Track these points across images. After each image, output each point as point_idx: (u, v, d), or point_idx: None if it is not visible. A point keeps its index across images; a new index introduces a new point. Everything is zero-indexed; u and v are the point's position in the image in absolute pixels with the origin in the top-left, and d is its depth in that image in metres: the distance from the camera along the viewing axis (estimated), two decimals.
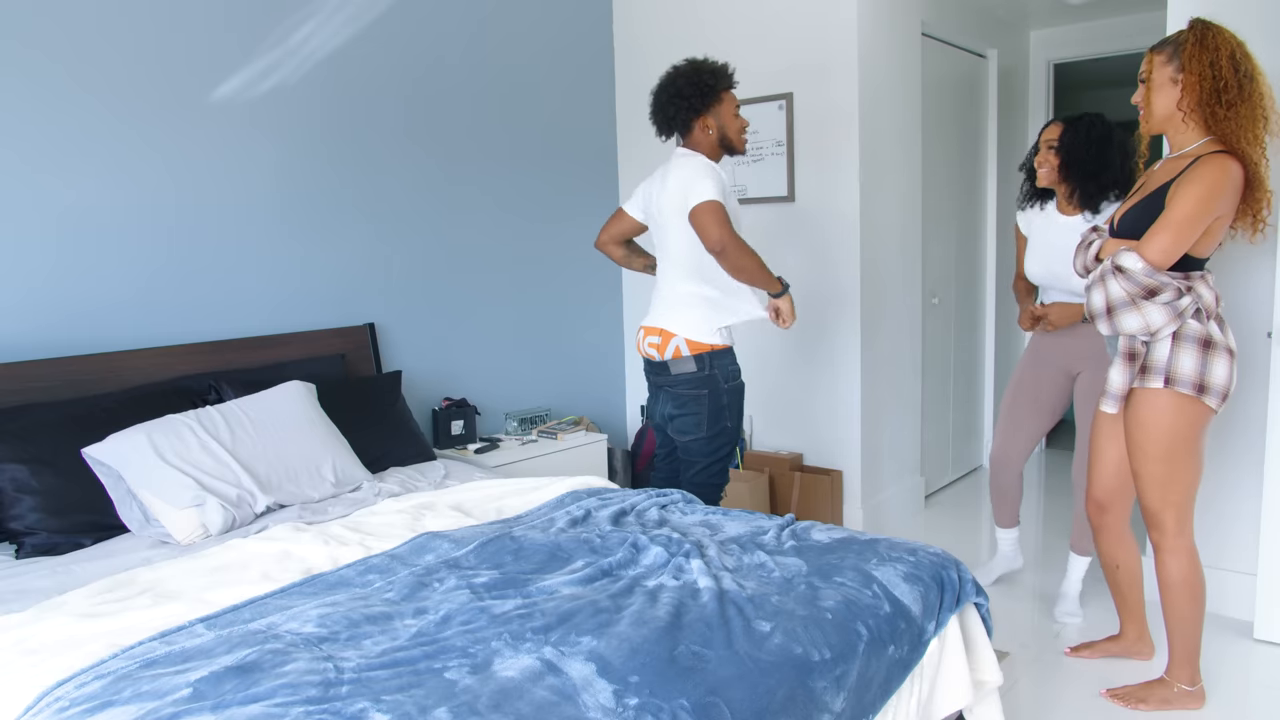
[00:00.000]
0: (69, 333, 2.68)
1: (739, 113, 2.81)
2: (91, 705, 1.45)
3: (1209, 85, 2.16)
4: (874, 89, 3.70)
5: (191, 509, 2.34)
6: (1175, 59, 2.21)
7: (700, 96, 2.74)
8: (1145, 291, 2.19)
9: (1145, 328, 2.22)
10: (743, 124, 2.82)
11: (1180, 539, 2.36)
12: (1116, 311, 2.23)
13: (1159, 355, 2.24)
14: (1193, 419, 2.27)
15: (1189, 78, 2.19)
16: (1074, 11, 4.76)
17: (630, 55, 4.29)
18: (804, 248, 3.84)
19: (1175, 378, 2.23)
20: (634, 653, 1.53)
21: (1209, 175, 2.15)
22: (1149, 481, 2.34)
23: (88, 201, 2.69)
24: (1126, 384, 2.29)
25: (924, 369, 4.31)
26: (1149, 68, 2.26)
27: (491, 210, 3.85)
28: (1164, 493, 2.33)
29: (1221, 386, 2.24)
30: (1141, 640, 2.71)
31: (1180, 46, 2.20)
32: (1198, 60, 2.17)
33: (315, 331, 3.20)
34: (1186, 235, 2.16)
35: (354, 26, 3.32)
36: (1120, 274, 2.21)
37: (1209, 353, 2.23)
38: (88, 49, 2.67)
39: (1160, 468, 2.30)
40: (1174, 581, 2.38)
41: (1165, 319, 2.20)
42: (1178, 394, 2.25)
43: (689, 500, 2.46)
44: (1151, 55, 2.27)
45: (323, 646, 1.62)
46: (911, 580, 1.90)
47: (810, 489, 3.75)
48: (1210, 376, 2.23)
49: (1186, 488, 2.33)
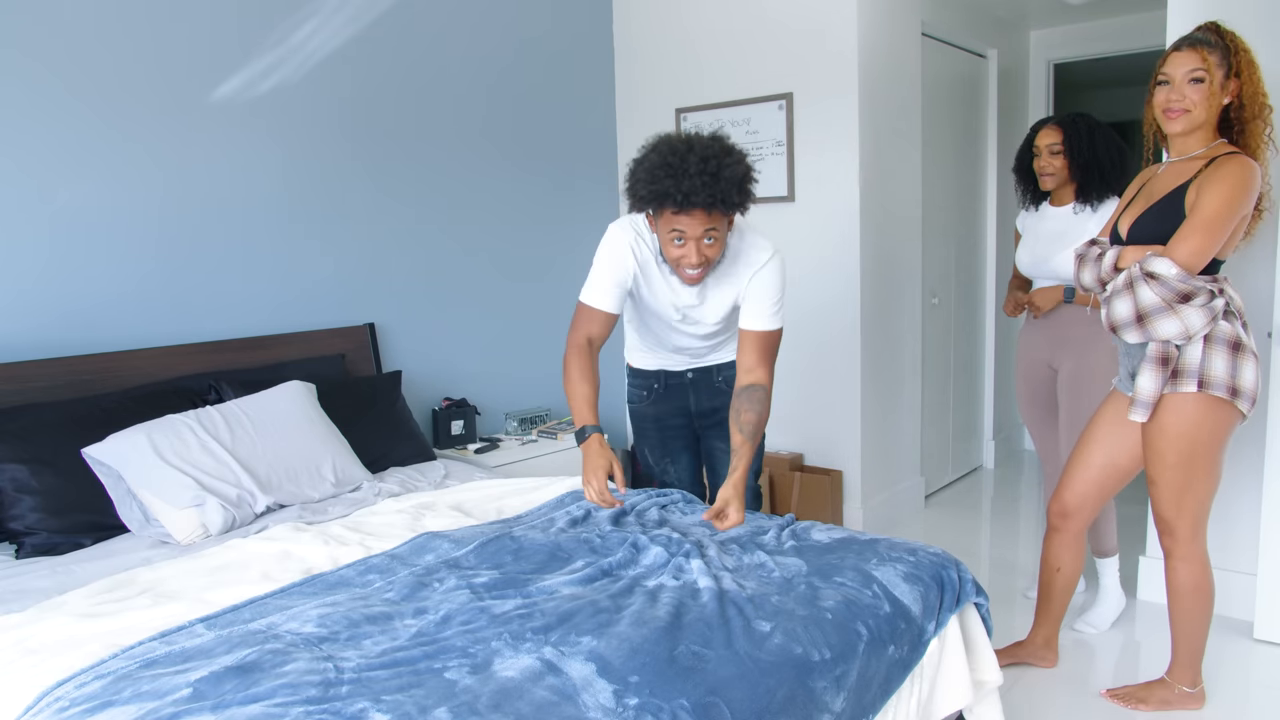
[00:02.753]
0: (69, 333, 2.67)
1: (677, 241, 2.10)
2: (92, 705, 1.45)
3: (1263, 94, 2.18)
4: (874, 89, 3.70)
5: (191, 509, 2.34)
6: (1226, 62, 2.17)
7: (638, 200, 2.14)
8: (1180, 296, 2.14)
9: (1184, 332, 2.16)
10: (679, 255, 2.11)
11: (1194, 546, 2.32)
12: (1151, 318, 2.16)
13: (1191, 358, 2.18)
14: (1222, 423, 2.22)
15: (1245, 87, 2.17)
16: (1074, 11, 4.76)
17: (630, 55, 4.29)
18: (804, 248, 3.83)
19: (1209, 381, 2.16)
20: (634, 653, 1.53)
21: (1236, 175, 2.13)
22: (1166, 489, 2.28)
23: (88, 202, 2.69)
24: (1158, 391, 2.21)
25: (924, 369, 4.31)
26: (1204, 65, 2.16)
27: (492, 210, 3.84)
28: (1181, 500, 2.27)
29: (1251, 389, 2.19)
30: (1049, 647, 2.67)
31: (1232, 52, 2.18)
32: (1253, 72, 2.17)
33: (315, 331, 3.20)
34: (1218, 236, 2.13)
35: (354, 27, 3.32)
36: (1152, 280, 2.15)
37: (1238, 355, 2.18)
38: (85, 49, 2.67)
39: (1180, 475, 2.25)
40: (1187, 589, 2.35)
41: (1204, 322, 2.15)
42: (1211, 397, 2.18)
43: (689, 500, 2.46)
44: (1203, 53, 2.17)
45: (323, 646, 1.62)
46: (911, 580, 1.90)
47: (810, 489, 3.75)
48: (1241, 379, 2.18)
49: (1206, 495, 2.28)
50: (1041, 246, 2.97)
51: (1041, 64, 5.10)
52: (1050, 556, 2.61)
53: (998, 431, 5.03)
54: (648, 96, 4.25)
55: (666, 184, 1.99)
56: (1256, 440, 2.90)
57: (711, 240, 2.09)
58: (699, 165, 1.98)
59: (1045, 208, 3.04)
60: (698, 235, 2.06)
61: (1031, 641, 2.68)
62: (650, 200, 2.05)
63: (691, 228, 2.05)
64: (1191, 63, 2.17)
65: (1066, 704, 2.50)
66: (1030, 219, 3.09)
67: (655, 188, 2.01)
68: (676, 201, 2.00)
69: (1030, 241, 3.03)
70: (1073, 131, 2.88)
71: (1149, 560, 3.14)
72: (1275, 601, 2.78)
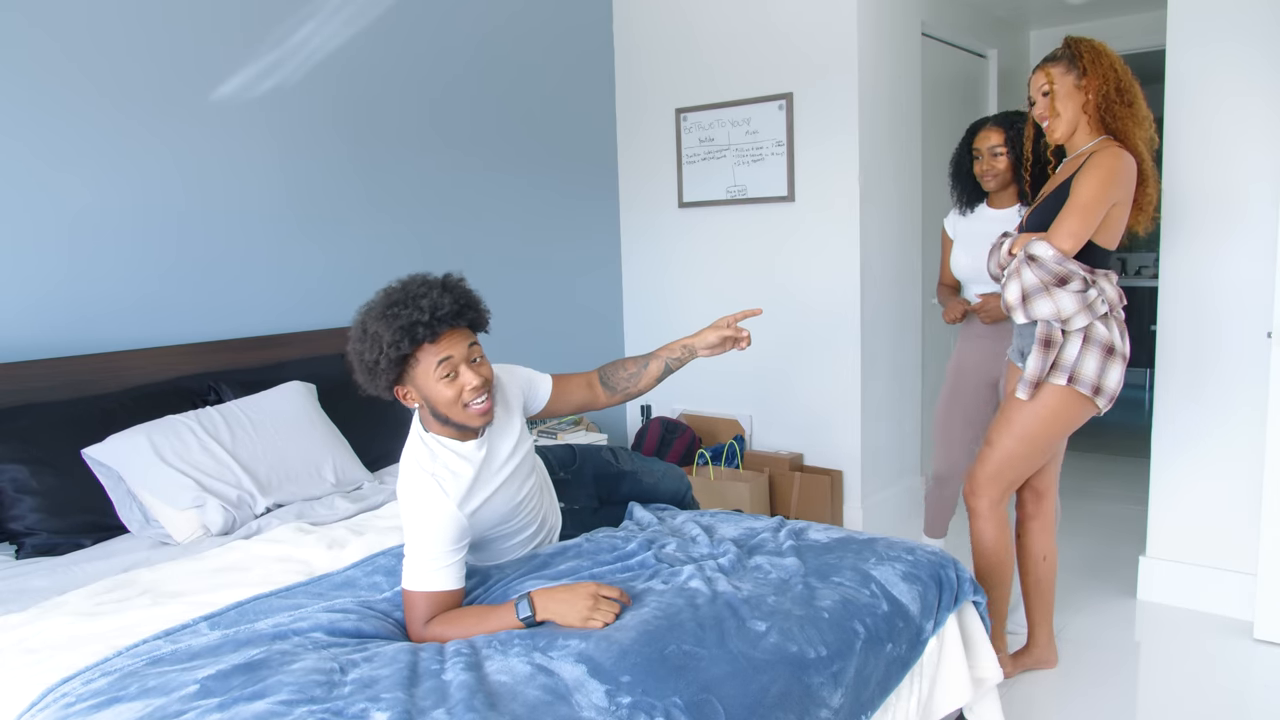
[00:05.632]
0: (69, 333, 2.68)
1: (448, 377, 1.80)
2: (98, 701, 1.45)
3: (1113, 83, 2.34)
4: (874, 89, 3.70)
5: (191, 510, 2.34)
6: (1074, 67, 2.36)
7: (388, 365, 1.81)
8: (1056, 279, 2.28)
9: (1057, 313, 2.30)
10: (458, 388, 1.80)
11: (998, 508, 2.51)
12: (1030, 298, 2.31)
13: (1069, 354, 2.33)
14: (1076, 416, 2.40)
15: (1092, 80, 2.34)
16: (1074, 11, 4.76)
17: (631, 55, 4.29)
18: (804, 248, 3.84)
19: (1078, 377, 2.33)
20: (624, 654, 1.53)
21: (1106, 162, 2.29)
22: (1000, 453, 2.44)
23: (88, 202, 2.70)
24: (1042, 372, 2.35)
25: (924, 369, 4.31)
26: (1048, 80, 2.37)
27: (491, 210, 3.85)
28: (1006, 468, 2.46)
29: (1112, 390, 2.36)
30: (1050, 646, 2.69)
31: (1076, 55, 2.36)
32: (1098, 64, 2.34)
33: (315, 331, 3.21)
34: (1091, 219, 2.28)
35: (354, 26, 3.32)
36: (1033, 262, 2.30)
37: (1109, 359, 2.34)
38: (84, 49, 2.67)
39: (1021, 447, 2.43)
40: (991, 547, 2.53)
41: (1075, 307, 2.29)
42: (1075, 392, 2.35)
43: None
44: (1047, 69, 2.38)
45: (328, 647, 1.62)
46: (910, 579, 1.91)
47: (810, 489, 3.75)
48: (1105, 380, 2.34)
49: (1026, 472, 2.48)
50: (985, 250, 2.87)
51: None
52: (1032, 547, 2.64)
53: None
54: (648, 96, 4.25)
55: (407, 315, 1.75)
56: (1256, 440, 2.90)
57: (478, 359, 1.85)
58: (422, 287, 1.80)
59: (983, 210, 2.97)
60: (465, 356, 1.80)
61: (1035, 643, 2.68)
62: (399, 341, 1.74)
63: (455, 348, 1.79)
64: (1039, 81, 2.40)
65: (1066, 702, 2.50)
66: (964, 222, 3.02)
67: (398, 324, 1.75)
68: (428, 325, 1.75)
69: (969, 245, 2.95)
70: (1014, 132, 2.82)
71: (1149, 561, 3.14)
72: (1275, 601, 2.77)
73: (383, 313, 1.78)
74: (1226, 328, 2.92)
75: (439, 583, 1.74)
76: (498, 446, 1.94)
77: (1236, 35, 2.83)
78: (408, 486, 1.81)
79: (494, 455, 1.92)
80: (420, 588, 1.73)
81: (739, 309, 4.08)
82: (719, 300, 4.14)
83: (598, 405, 2.21)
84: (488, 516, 1.90)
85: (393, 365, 1.77)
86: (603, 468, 2.42)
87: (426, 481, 1.79)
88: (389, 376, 1.80)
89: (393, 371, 1.79)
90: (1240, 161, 2.86)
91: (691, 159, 4.12)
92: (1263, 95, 2.81)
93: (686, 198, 4.17)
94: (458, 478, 1.82)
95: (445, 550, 1.75)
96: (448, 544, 1.76)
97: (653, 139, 4.25)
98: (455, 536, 1.77)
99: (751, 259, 4.02)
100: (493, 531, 1.96)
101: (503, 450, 1.95)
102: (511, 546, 2.04)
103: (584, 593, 1.67)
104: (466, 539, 1.81)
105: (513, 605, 1.70)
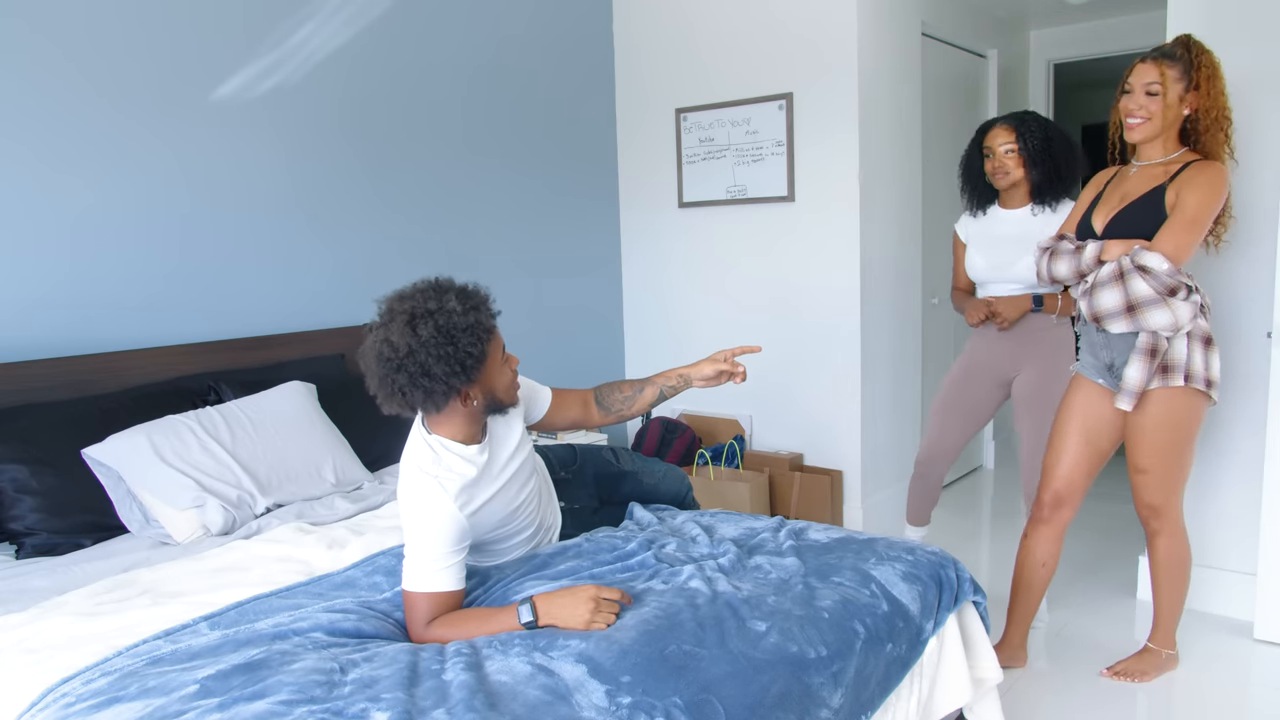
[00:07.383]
0: (69, 333, 2.68)
1: (505, 359, 1.89)
2: (98, 700, 1.45)
3: (1221, 108, 2.31)
4: (874, 89, 3.70)
5: (191, 510, 2.34)
6: (1187, 76, 2.30)
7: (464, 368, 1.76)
8: (1169, 289, 2.27)
9: (1174, 323, 2.29)
10: (513, 370, 1.92)
11: (1179, 524, 2.51)
12: (1142, 309, 2.29)
13: (1178, 354, 2.32)
14: (1199, 412, 2.39)
15: (1201, 99, 2.30)
16: (1074, 11, 4.76)
17: (630, 54, 4.29)
18: (804, 248, 3.84)
19: (1193, 374, 2.32)
20: (624, 654, 1.53)
21: (1214, 178, 2.28)
22: (1159, 477, 2.43)
23: (89, 203, 2.69)
24: (1146, 380, 2.33)
25: (924, 369, 4.31)
26: (1161, 79, 2.29)
27: (491, 210, 3.85)
28: (1172, 485, 2.45)
29: (1218, 380, 2.37)
30: (1023, 646, 2.69)
31: (1194, 66, 2.30)
32: (1213, 85, 2.30)
33: (315, 331, 3.21)
34: (1200, 232, 2.28)
35: (354, 27, 3.32)
36: (1145, 273, 2.27)
37: (1209, 350, 2.34)
38: (83, 49, 2.67)
39: (1170, 461, 2.42)
40: (1175, 562, 2.54)
41: (1190, 314, 2.30)
42: (1194, 390, 2.34)
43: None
44: (1162, 67, 2.30)
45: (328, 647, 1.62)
46: (910, 579, 1.91)
47: (810, 489, 3.75)
48: (1212, 371, 2.34)
49: (1186, 477, 2.48)
50: (1001, 252, 2.88)
51: (1041, 64, 5.11)
52: (1037, 550, 2.62)
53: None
54: (648, 96, 4.25)
55: (462, 318, 1.74)
56: (1256, 440, 2.90)
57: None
58: (437, 298, 1.76)
59: (995, 211, 2.96)
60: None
61: (1009, 643, 2.67)
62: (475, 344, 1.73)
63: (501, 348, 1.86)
64: (1149, 76, 2.31)
65: (1066, 702, 2.50)
66: (977, 224, 3.00)
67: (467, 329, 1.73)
68: (484, 320, 1.78)
69: (984, 247, 2.94)
70: (1026, 131, 2.81)
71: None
72: (1275, 601, 2.77)
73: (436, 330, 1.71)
74: (1227, 328, 2.92)
75: (440, 583, 1.74)
76: (499, 450, 1.94)
77: (1236, 36, 2.82)
78: (409, 487, 1.81)
79: (495, 458, 1.92)
80: (421, 588, 1.73)
81: (739, 309, 4.11)
82: (719, 300, 4.14)
83: (591, 424, 2.24)
84: (487, 519, 1.89)
85: (477, 364, 1.76)
86: (603, 467, 2.42)
87: (428, 482, 1.79)
88: (472, 374, 1.76)
89: (476, 370, 1.76)
90: (1241, 162, 2.86)
91: (691, 159, 4.12)
92: (1263, 95, 2.81)
93: (686, 198, 4.17)
94: (460, 479, 1.81)
95: (446, 551, 1.75)
96: (448, 545, 1.76)
97: (653, 139, 4.25)
98: (456, 538, 1.77)
99: (751, 259, 4.02)
100: (491, 534, 1.96)
101: (504, 453, 1.95)
102: (509, 548, 2.04)
103: (585, 596, 1.67)
104: (467, 540, 1.81)
105: (514, 609, 1.69)
